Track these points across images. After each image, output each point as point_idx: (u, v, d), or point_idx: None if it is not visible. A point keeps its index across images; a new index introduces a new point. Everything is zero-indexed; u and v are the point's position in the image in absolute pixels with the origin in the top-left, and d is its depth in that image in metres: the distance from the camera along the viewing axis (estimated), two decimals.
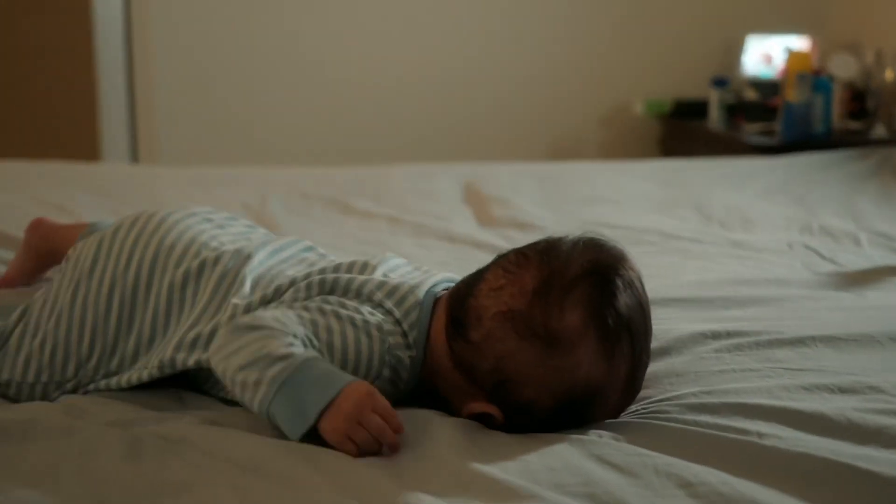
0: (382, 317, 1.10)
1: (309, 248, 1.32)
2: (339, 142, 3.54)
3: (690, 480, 0.92)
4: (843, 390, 1.18)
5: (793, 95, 2.92)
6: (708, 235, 1.96)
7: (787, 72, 2.92)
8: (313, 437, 0.98)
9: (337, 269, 1.19)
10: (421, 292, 1.13)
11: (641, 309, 1.07)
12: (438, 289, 1.16)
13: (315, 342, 1.05)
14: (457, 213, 2.13)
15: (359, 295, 1.13)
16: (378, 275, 1.17)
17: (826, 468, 0.98)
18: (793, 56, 2.92)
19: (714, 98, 3.33)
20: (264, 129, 3.54)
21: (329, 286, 1.14)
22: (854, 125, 3.11)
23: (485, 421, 1.06)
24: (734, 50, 3.58)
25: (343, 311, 1.09)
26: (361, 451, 0.96)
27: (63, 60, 3.53)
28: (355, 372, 1.05)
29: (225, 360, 1.03)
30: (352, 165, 2.84)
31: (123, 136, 3.55)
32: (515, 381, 1.04)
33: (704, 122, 3.37)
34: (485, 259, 1.22)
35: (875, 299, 1.54)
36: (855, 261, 1.79)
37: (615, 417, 1.08)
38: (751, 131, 3.12)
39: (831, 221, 2.05)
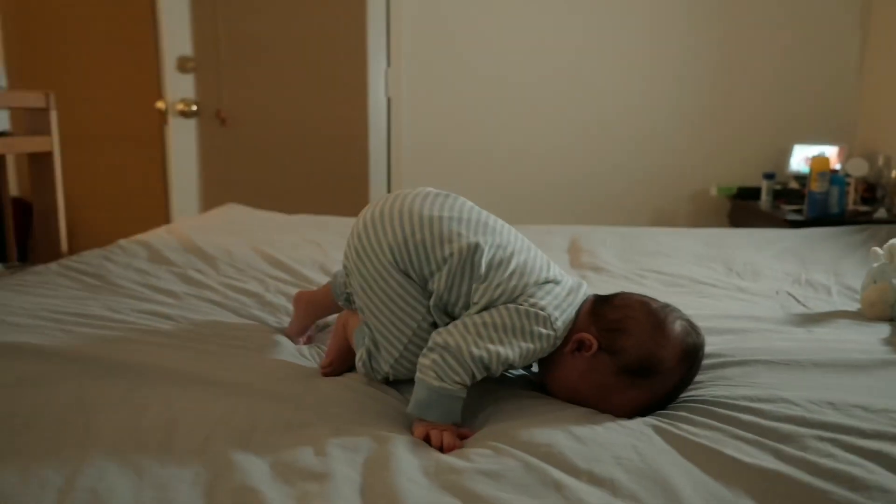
0: (548, 331, 1.09)
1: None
2: (520, 203, 3.54)
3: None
4: (761, 399, 1.11)
5: (815, 187, 2.73)
6: (723, 282, 1.86)
7: (812, 170, 2.72)
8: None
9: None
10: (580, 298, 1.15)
11: (701, 358, 1.13)
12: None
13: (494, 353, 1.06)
14: (558, 259, 2.11)
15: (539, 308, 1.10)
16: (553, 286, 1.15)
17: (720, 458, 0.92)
18: (815, 159, 2.73)
19: (765, 186, 3.14)
20: (474, 195, 3.58)
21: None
22: (863, 208, 2.86)
23: (580, 350, 1.08)
24: (785, 153, 3.37)
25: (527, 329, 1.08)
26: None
27: (344, 144, 3.54)
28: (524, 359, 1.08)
29: (419, 360, 1.06)
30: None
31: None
32: (626, 331, 1.07)
33: (757, 203, 3.17)
34: None
35: (819, 334, 1.42)
36: (820, 306, 1.66)
37: (639, 408, 1.07)
38: (787, 211, 2.92)
39: (816, 276, 1.90)
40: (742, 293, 1.76)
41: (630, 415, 1.05)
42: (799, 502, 0.81)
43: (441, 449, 0.97)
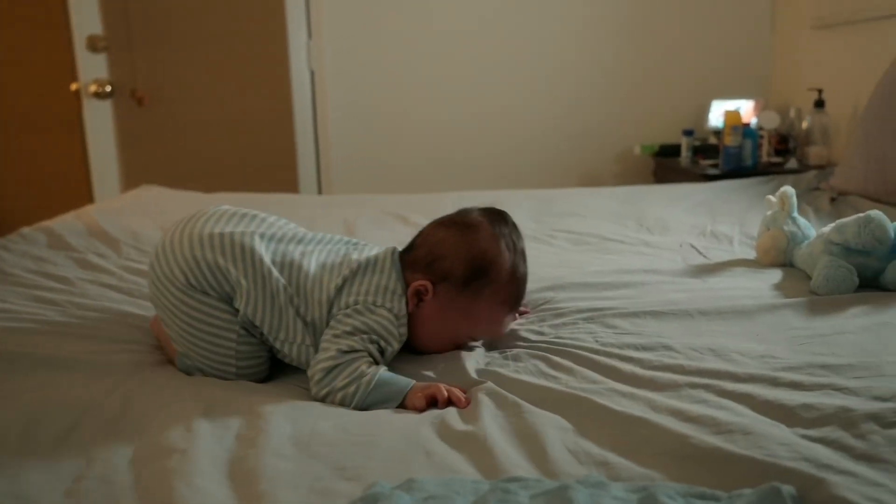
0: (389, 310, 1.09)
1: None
2: (449, 171, 3.52)
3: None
4: (644, 348, 1.11)
5: (729, 141, 2.76)
6: (630, 238, 1.86)
7: (725, 125, 2.75)
8: None
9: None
10: (388, 263, 1.14)
11: (518, 238, 1.18)
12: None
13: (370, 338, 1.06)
14: None
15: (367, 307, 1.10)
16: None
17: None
18: (728, 114, 2.75)
19: (684, 143, 3.16)
20: (405, 164, 3.55)
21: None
22: (776, 160, 2.90)
23: (422, 298, 1.10)
24: (704, 109, 3.39)
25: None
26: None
27: (268, 122, 3.46)
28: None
29: (328, 386, 1.01)
30: (444, 190, 2.81)
31: (313, 175, 3.57)
32: (440, 256, 1.10)
33: (678, 160, 3.19)
34: None
35: (712, 283, 1.44)
36: (721, 256, 1.67)
37: (504, 311, 1.14)
38: (705, 165, 2.94)
39: (721, 228, 1.92)
40: (647, 247, 1.77)
41: (504, 321, 1.15)
42: (659, 447, 0.81)
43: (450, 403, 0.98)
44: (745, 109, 3.24)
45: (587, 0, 3.41)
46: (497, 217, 1.16)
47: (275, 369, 1.15)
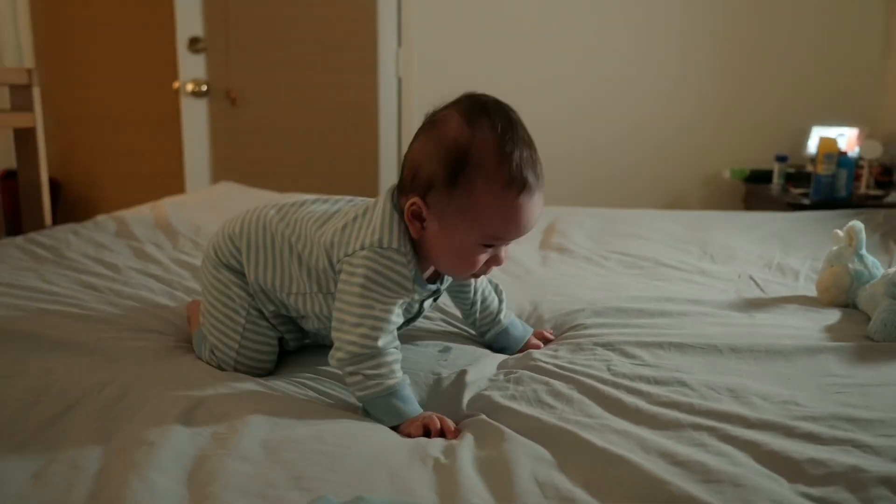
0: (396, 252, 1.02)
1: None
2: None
3: None
4: (658, 381, 1.05)
5: (821, 169, 2.59)
6: (687, 265, 1.76)
7: (818, 152, 2.58)
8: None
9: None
10: (383, 199, 1.07)
11: (505, 108, 1.02)
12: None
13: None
14: (531, 239, 2.04)
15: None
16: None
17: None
18: (822, 141, 2.58)
19: (777, 169, 3.00)
20: None
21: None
22: (876, 192, 2.70)
23: (419, 220, 1.00)
24: (803, 135, 3.21)
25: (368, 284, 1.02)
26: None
27: (354, 127, 3.51)
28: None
29: (354, 367, 0.99)
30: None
31: (394, 181, 3.60)
32: (419, 166, 0.99)
33: (769, 187, 3.02)
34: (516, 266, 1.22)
35: (758, 319, 1.34)
36: (780, 290, 1.55)
37: (513, 194, 0.96)
38: (796, 194, 2.78)
39: (790, 261, 1.79)
40: (702, 276, 1.67)
41: (519, 206, 0.97)
42: (633, 489, 0.75)
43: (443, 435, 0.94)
44: (848, 137, 3.04)
45: (687, 14, 3.29)
46: (472, 104, 1.00)
47: (279, 366, 1.16)
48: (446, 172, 0.96)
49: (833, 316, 1.35)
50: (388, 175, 3.58)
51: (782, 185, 2.96)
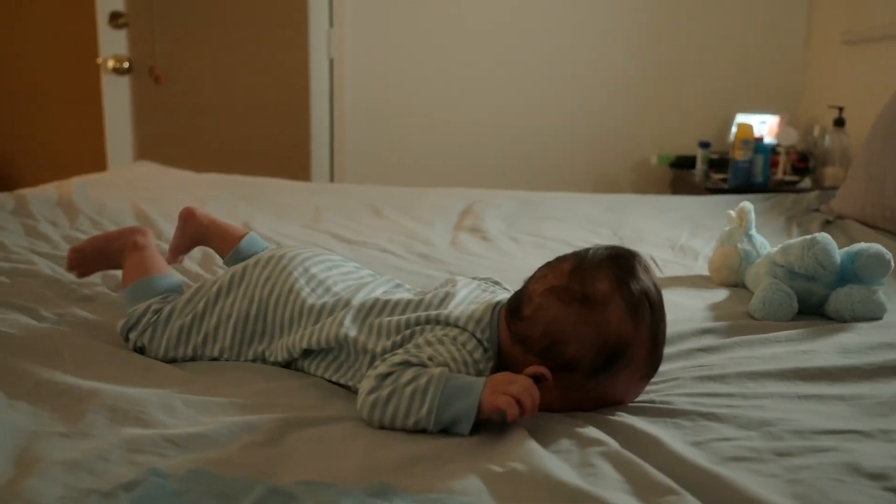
0: (464, 335, 0.94)
1: (397, 286, 1.14)
2: (463, 169, 3.46)
3: None
4: None
5: (738, 155, 2.65)
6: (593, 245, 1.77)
7: (735, 138, 2.63)
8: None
9: (428, 305, 1.01)
10: (490, 306, 0.97)
11: (655, 287, 0.93)
12: (503, 300, 0.99)
13: (434, 360, 0.90)
14: (446, 222, 2.03)
15: (447, 323, 0.96)
16: (452, 306, 1.00)
17: None
18: (739, 127, 2.64)
19: (700, 155, 3.05)
20: (419, 158, 3.51)
21: (429, 320, 0.97)
22: (793, 178, 2.76)
23: (539, 386, 0.87)
24: (728, 122, 3.25)
25: (442, 338, 0.94)
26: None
27: (284, 108, 3.45)
28: (457, 372, 0.90)
29: (392, 384, 0.85)
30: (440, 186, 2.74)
31: (326, 163, 3.55)
32: (561, 340, 0.89)
33: (693, 172, 3.07)
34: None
35: None
36: (676, 271, 1.59)
37: (641, 386, 0.93)
38: (716, 180, 2.82)
39: (694, 243, 1.83)
40: None
41: (640, 390, 0.94)
42: None
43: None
44: (770, 125, 3.10)
45: (613, 2, 3.32)
46: (625, 272, 0.91)
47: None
48: (595, 364, 0.89)
49: (720, 295, 1.38)
50: (321, 157, 3.54)
51: (705, 171, 3.01)
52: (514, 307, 0.94)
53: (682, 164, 3.22)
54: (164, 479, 0.69)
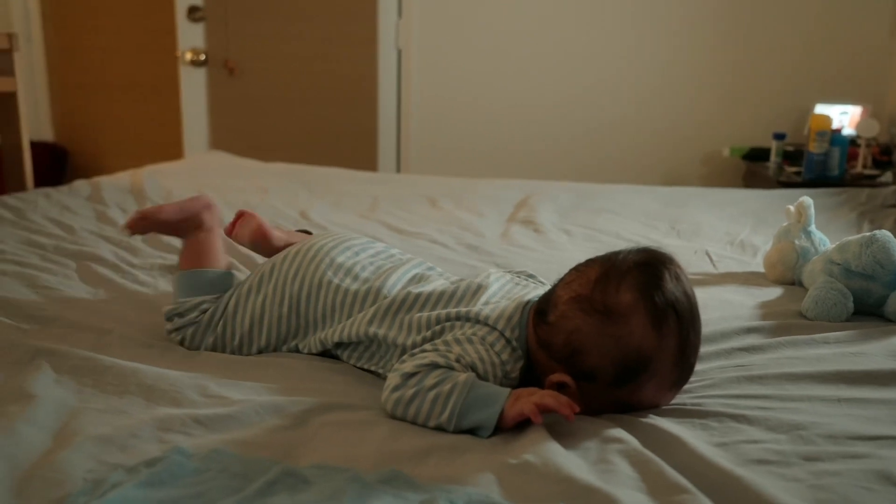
0: (493, 335, 0.94)
1: (430, 268, 1.13)
2: (529, 159, 3.45)
3: None
4: None
5: (813, 147, 2.54)
6: (648, 240, 1.74)
7: (811, 130, 2.52)
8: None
9: (460, 299, 1.01)
10: (521, 305, 0.97)
11: (686, 296, 0.89)
12: (534, 298, 0.98)
13: (462, 360, 0.90)
14: (500, 214, 2.02)
15: (477, 321, 0.95)
16: (483, 301, 1.00)
17: None
18: (815, 118, 2.53)
19: (774, 147, 2.94)
20: (486, 148, 3.51)
21: (459, 316, 0.97)
22: (871, 172, 2.63)
23: (562, 392, 0.88)
24: (807, 113, 3.13)
25: (471, 336, 0.93)
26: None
27: (352, 99, 3.50)
28: (484, 373, 0.90)
29: (416, 385, 0.86)
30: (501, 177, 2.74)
31: (392, 153, 3.59)
32: (582, 350, 0.87)
33: (766, 165, 2.96)
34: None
35: (699, 294, 1.30)
36: (732, 267, 1.54)
37: (670, 398, 0.90)
38: (790, 173, 2.72)
39: (755, 238, 1.77)
40: None
41: (669, 397, 0.91)
42: None
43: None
44: (852, 116, 2.96)
45: None
46: (652, 282, 0.88)
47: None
48: (617, 376, 0.87)
49: (773, 293, 1.33)
50: (387, 147, 3.58)
51: (778, 164, 2.90)
52: (541, 310, 0.94)
53: (756, 156, 3.12)
54: (187, 457, 0.72)
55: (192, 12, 3.37)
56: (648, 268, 0.89)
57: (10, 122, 2.18)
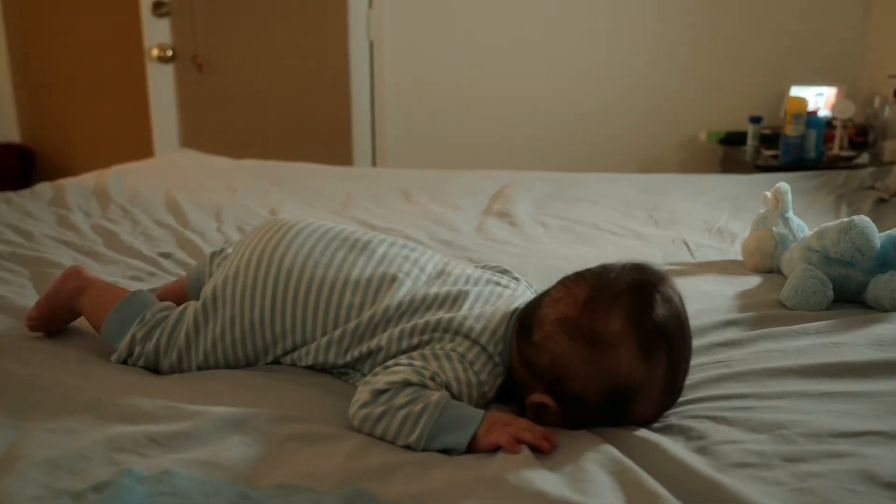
0: (473, 350, 0.90)
1: (410, 249, 1.07)
2: (505, 149, 3.41)
3: None
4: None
5: (790, 130, 2.52)
6: (624, 230, 1.72)
7: (786, 112, 2.51)
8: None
9: (441, 303, 0.96)
10: (506, 317, 0.93)
11: (679, 321, 0.86)
12: (520, 307, 0.95)
13: (437, 379, 0.86)
14: (475, 205, 1.99)
15: (460, 333, 0.91)
16: (466, 309, 0.95)
17: None
18: (790, 100, 2.51)
19: (750, 130, 2.92)
20: (461, 139, 3.47)
21: (440, 325, 0.92)
22: (850, 153, 2.62)
23: (543, 412, 0.86)
24: (783, 95, 3.11)
25: (450, 353, 0.90)
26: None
27: (325, 92, 3.43)
28: (459, 393, 0.87)
29: (386, 404, 0.82)
30: (486, 168, 2.70)
31: (368, 147, 3.54)
32: (567, 376, 0.84)
33: (743, 148, 2.94)
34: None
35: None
36: (710, 255, 1.51)
37: (657, 418, 0.86)
38: (767, 156, 2.70)
39: (733, 225, 1.74)
40: (636, 240, 1.63)
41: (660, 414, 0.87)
42: None
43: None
44: (827, 97, 2.94)
45: None
46: (642, 307, 0.83)
47: None
48: (603, 403, 0.84)
49: (752, 281, 1.31)
50: (362, 141, 3.52)
51: (755, 147, 2.88)
52: (526, 326, 0.90)
53: (734, 140, 3.09)
54: (137, 481, 0.68)
55: (157, 7, 3.28)
56: (639, 292, 0.85)
57: None
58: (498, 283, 1.04)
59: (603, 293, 0.85)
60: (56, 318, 1.08)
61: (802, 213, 1.79)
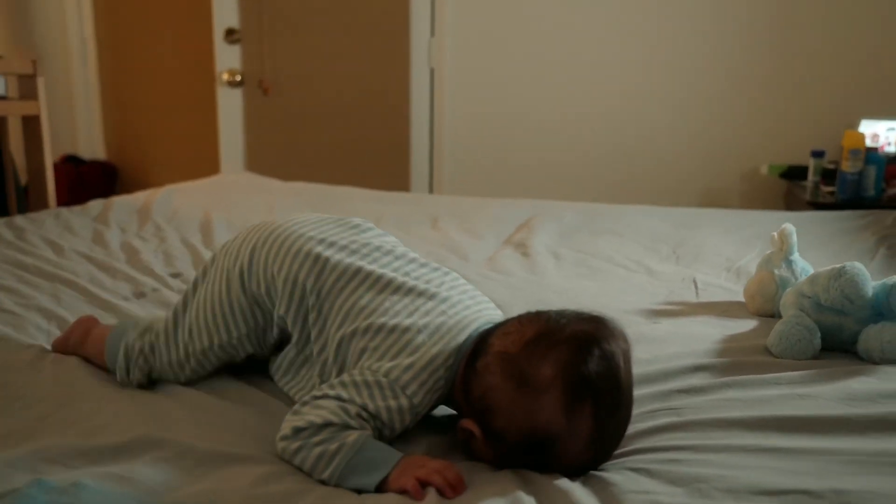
0: (408, 373, 0.89)
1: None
2: (563, 178, 3.39)
3: None
4: None
5: (846, 166, 2.40)
6: (638, 266, 1.68)
7: (843, 148, 2.39)
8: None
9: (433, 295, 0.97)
10: (465, 334, 0.93)
11: (613, 380, 0.83)
12: (482, 327, 0.94)
13: (363, 413, 0.86)
14: (499, 234, 1.98)
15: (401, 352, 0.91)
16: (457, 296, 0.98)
17: None
18: (848, 135, 2.39)
19: (812, 165, 2.80)
20: (518, 168, 3.47)
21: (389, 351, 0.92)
22: None
23: (471, 439, 0.87)
24: (852, 129, 2.95)
25: (381, 380, 0.89)
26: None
27: (385, 118, 3.51)
28: (390, 421, 0.87)
29: (303, 440, 0.83)
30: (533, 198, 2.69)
31: (425, 173, 3.59)
32: (493, 410, 0.84)
33: (803, 183, 2.83)
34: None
35: (656, 327, 1.25)
36: (716, 296, 1.45)
37: (587, 469, 0.84)
38: (825, 192, 2.59)
39: (753, 265, 1.65)
40: (647, 276, 1.59)
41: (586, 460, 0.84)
42: None
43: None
44: None
45: (730, 1, 3.11)
46: (578, 359, 0.81)
47: None
48: (522, 446, 0.83)
49: (747, 325, 1.25)
50: (420, 167, 3.58)
51: (815, 183, 2.76)
52: (475, 352, 0.89)
53: (795, 174, 2.97)
54: (44, 491, 0.72)
55: (229, 34, 3.46)
56: (579, 343, 0.82)
57: (35, 144, 2.26)
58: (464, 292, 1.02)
59: (546, 337, 0.84)
60: (74, 348, 1.12)
61: (841, 254, 1.71)
